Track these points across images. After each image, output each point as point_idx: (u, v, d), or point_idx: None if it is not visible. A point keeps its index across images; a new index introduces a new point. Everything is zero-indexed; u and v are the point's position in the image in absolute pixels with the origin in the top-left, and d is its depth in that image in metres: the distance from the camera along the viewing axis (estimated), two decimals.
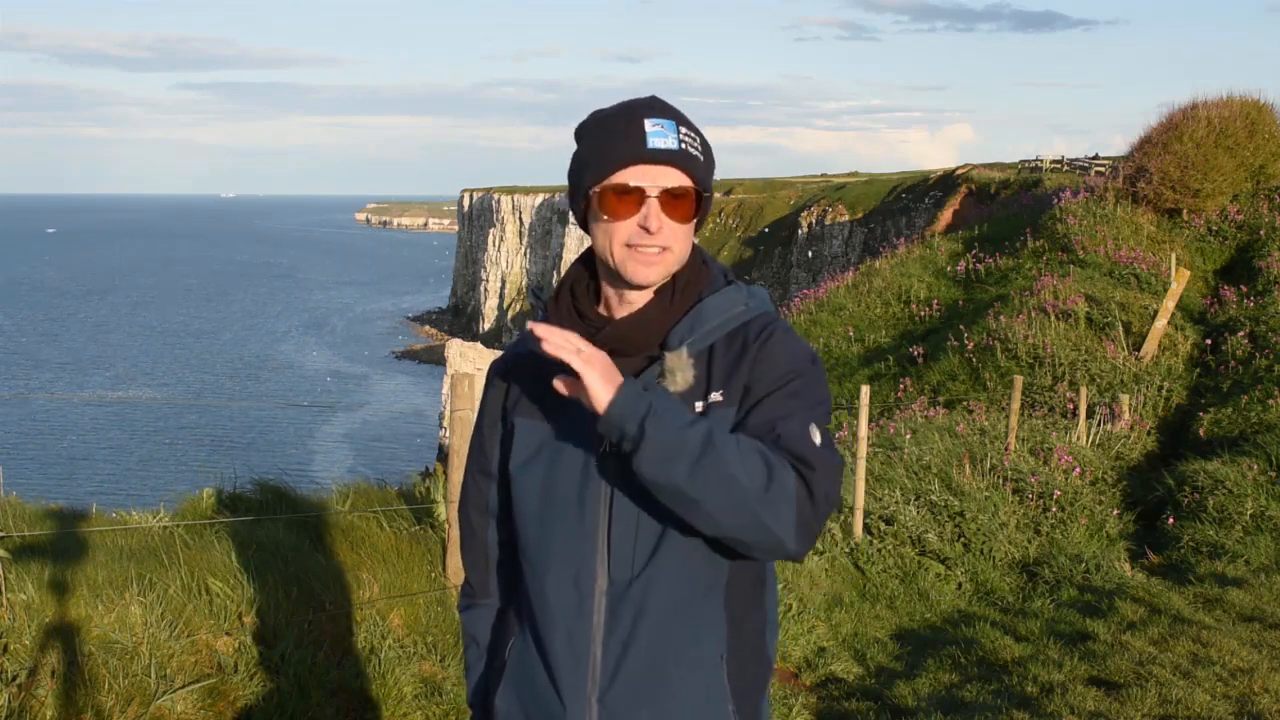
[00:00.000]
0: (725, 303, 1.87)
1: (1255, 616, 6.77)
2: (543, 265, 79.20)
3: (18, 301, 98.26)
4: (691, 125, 1.84)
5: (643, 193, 1.79)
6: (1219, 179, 19.22)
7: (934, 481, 9.05)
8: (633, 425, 1.64)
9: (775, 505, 1.67)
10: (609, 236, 1.82)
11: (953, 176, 46.45)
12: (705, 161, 1.85)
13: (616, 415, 1.64)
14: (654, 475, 1.66)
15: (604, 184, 1.81)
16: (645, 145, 1.79)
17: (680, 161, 1.80)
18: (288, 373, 67.19)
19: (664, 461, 1.65)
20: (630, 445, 1.66)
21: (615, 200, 1.80)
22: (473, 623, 2.08)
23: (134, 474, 38.61)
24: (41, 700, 3.69)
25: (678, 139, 1.80)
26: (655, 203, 1.79)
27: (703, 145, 1.85)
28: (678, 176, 1.80)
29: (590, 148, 1.84)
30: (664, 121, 1.81)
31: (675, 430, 1.65)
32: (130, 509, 5.29)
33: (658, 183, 1.79)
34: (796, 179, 72.58)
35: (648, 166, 1.79)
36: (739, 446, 1.68)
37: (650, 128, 1.80)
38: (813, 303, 19.77)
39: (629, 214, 1.80)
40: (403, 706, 4.39)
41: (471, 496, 2.05)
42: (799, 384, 1.80)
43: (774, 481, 1.67)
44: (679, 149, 1.80)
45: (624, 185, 1.79)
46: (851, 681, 5.99)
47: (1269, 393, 12.21)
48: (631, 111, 1.82)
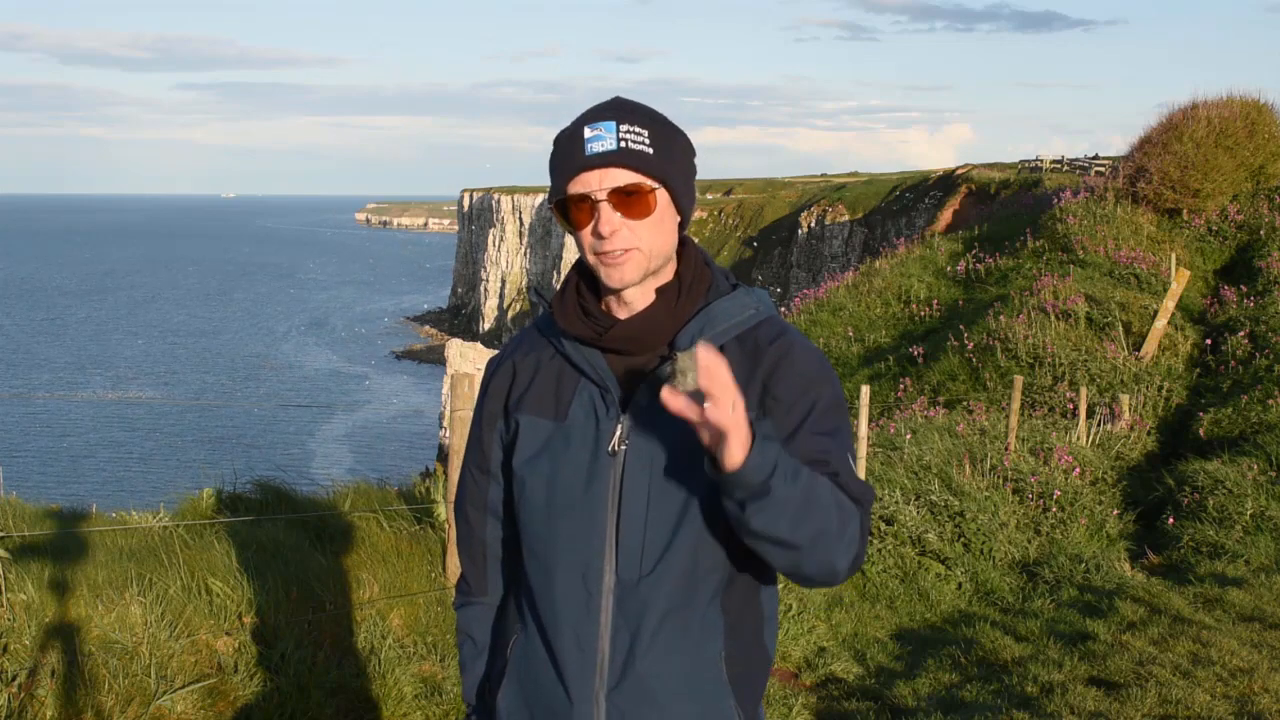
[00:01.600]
0: (734, 306, 1.88)
1: (1255, 616, 6.77)
2: (543, 265, 79.20)
3: (18, 301, 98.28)
4: (642, 121, 1.82)
5: (590, 199, 1.80)
6: (1219, 179, 19.22)
7: (934, 481, 9.05)
8: (759, 478, 1.63)
9: (846, 547, 1.74)
10: (581, 246, 1.85)
11: (953, 176, 46.47)
12: (659, 154, 1.82)
13: (751, 471, 1.62)
14: (763, 528, 1.67)
15: (558, 199, 1.84)
16: (584, 152, 1.80)
17: (622, 160, 1.80)
18: (288, 373, 67.21)
19: (776, 517, 1.66)
20: (747, 497, 1.65)
21: (573, 211, 1.82)
22: (469, 621, 2.07)
23: (134, 474, 38.64)
24: (41, 700, 3.70)
25: (616, 138, 1.80)
26: (605, 206, 1.79)
27: (655, 138, 1.83)
28: (625, 175, 1.80)
29: (550, 165, 1.87)
30: (602, 124, 1.81)
31: (792, 486, 1.66)
32: (130, 509, 5.30)
33: (604, 184, 1.80)
34: (796, 179, 72.58)
35: (590, 173, 1.80)
36: (830, 494, 1.72)
37: (588, 134, 1.81)
38: (813, 303, 19.76)
39: (587, 222, 1.82)
40: (403, 706, 4.40)
41: (469, 493, 2.05)
42: (833, 414, 1.84)
43: (848, 527, 1.74)
44: (618, 148, 1.80)
45: (573, 195, 1.82)
46: (851, 681, 5.99)
47: (1269, 393, 12.21)
48: (575, 123, 1.84)
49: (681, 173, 1.86)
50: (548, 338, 1.95)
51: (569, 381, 1.90)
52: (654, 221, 1.82)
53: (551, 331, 1.94)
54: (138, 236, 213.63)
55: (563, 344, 1.91)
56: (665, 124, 1.86)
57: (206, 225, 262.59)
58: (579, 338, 1.88)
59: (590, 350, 1.88)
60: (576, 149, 1.81)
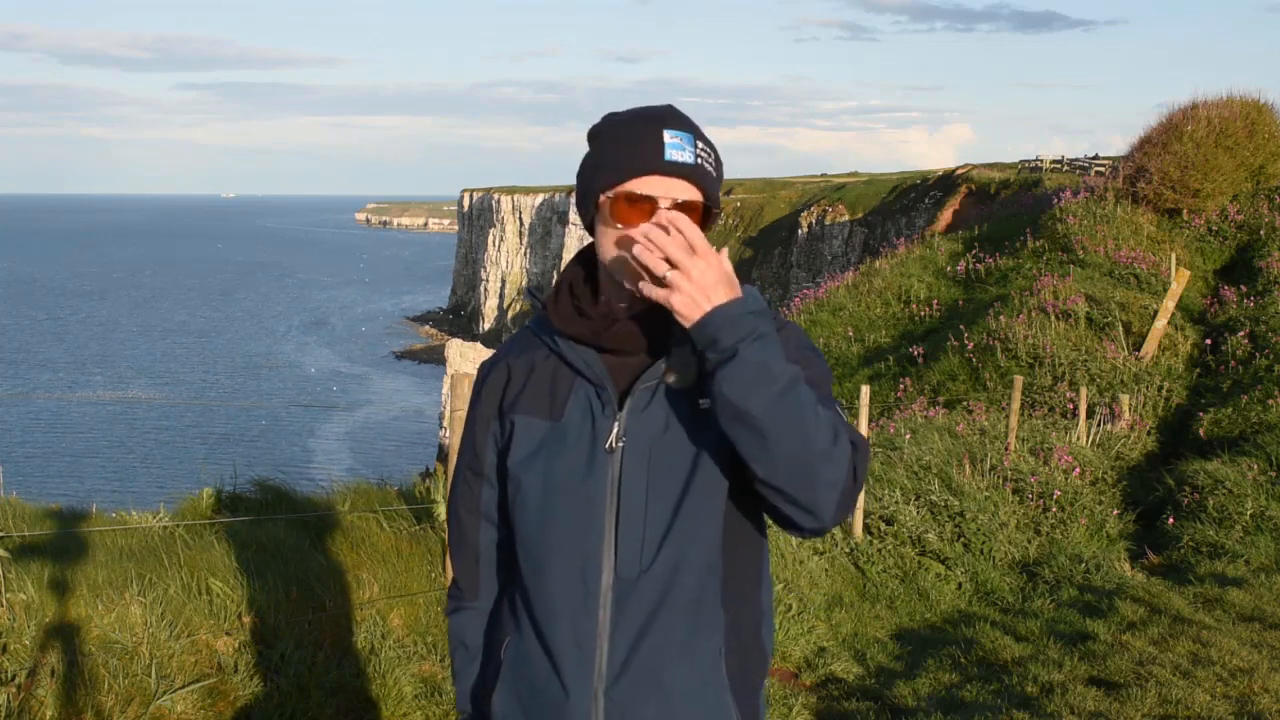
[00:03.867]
0: None
1: (1255, 616, 6.77)
2: (543, 265, 79.20)
3: (18, 301, 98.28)
4: (707, 140, 1.85)
5: (655, 203, 1.79)
6: (1219, 179, 19.21)
7: (934, 481, 9.05)
8: (729, 339, 1.65)
9: (830, 467, 1.69)
10: (602, 243, 1.84)
11: (952, 176, 46.45)
12: (717, 177, 1.85)
13: (719, 322, 1.64)
14: (734, 396, 1.66)
15: (618, 190, 1.81)
16: (663, 156, 1.79)
17: (694, 176, 1.80)
18: (288, 372, 67.19)
19: (749, 385, 1.65)
20: (717, 358, 1.67)
21: (627, 208, 1.80)
22: (461, 627, 2.06)
23: (134, 474, 38.63)
24: (41, 700, 3.70)
25: (694, 153, 1.81)
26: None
27: (716, 161, 1.86)
28: (690, 190, 1.80)
29: (605, 152, 1.83)
30: (682, 135, 1.81)
31: (770, 358, 1.66)
32: (130, 509, 5.30)
33: (670, 194, 1.79)
34: (796, 179, 72.55)
35: (662, 178, 1.79)
36: (817, 401, 1.70)
37: (669, 139, 1.80)
38: (813, 303, 19.76)
39: (637, 222, 1.79)
40: (403, 706, 4.40)
41: (462, 496, 2.04)
42: (824, 383, 1.83)
43: (837, 445, 1.70)
44: (695, 163, 1.80)
45: (637, 194, 1.79)
46: (851, 681, 5.99)
47: (1269, 393, 12.21)
48: (650, 120, 1.82)
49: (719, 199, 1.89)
50: (542, 338, 1.94)
51: (564, 381, 1.90)
52: None
53: (546, 332, 1.93)
54: (138, 236, 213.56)
55: (558, 344, 1.90)
56: (716, 149, 1.88)
57: (206, 225, 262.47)
58: (575, 337, 1.87)
59: (586, 349, 1.87)
60: (654, 149, 1.79)
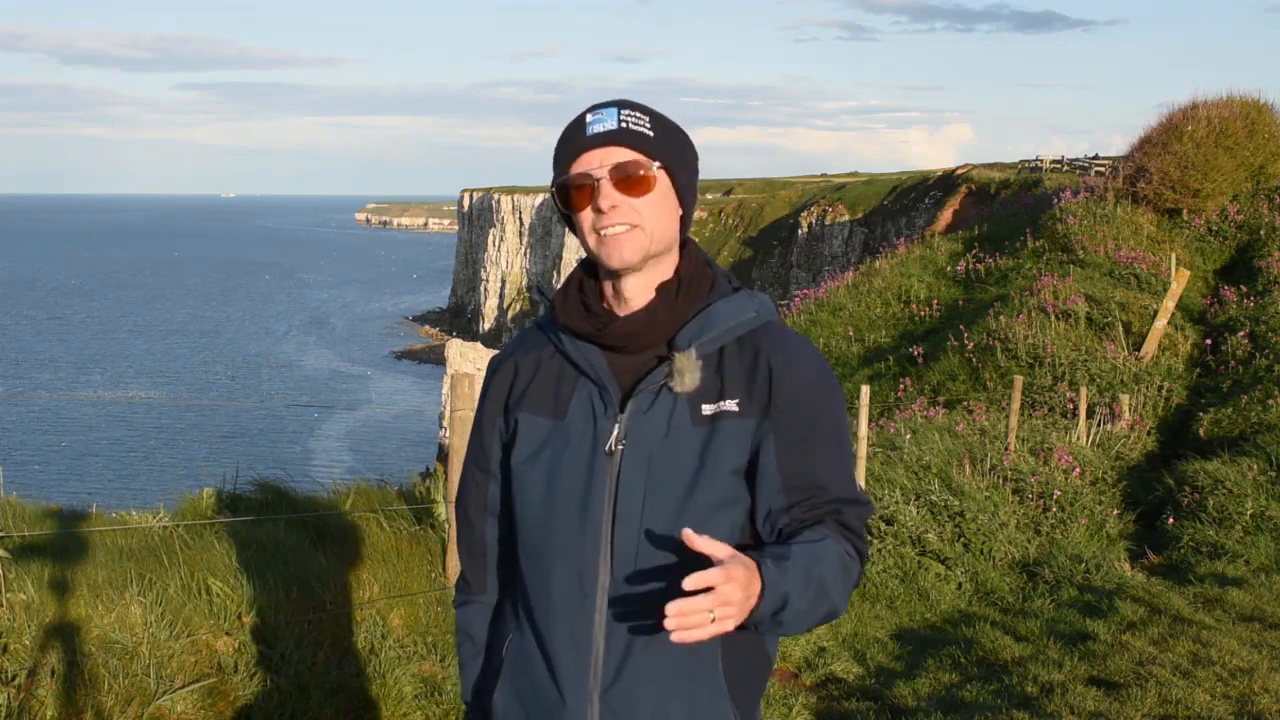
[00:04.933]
0: (735, 308, 1.88)
1: (1255, 616, 6.77)
2: (543, 265, 79.18)
3: (19, 300, 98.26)
4: (642, 110, 1.86)
5: (590, 177, 1.82)
6: (1219, 179, 19.21)
7: (934, 481, 9.05)
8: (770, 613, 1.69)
9: (848, 596, 1.82)
10: (580, 231, 1.86)
11: (952, 176, 46.46)
12: (658, 137, 1.85)
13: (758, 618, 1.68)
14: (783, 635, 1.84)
15: (558, 182, 1.85)
16: (586, 133, 1.83)
17: (622, 139, 1.82)
18: (288, 372, 67.19)
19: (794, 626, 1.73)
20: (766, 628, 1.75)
21: (573, 193, 1.84)
22: (468, 619, 2.07)
23: (134, 473, 38.63)
24: (41, 700, 3.70)
25: (618, 120, 1.83)
26: (605, 183, 1.81)
27: (655, 124, 1.86)
28: (624, 152, 1.82)
29: (553, 160, 1.88)
30: (606, 110, 1.85)
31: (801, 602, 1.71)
32: (130, 509, 5.29)
33: (605, 163, 1.82)
34: (796, 179, 72.55)
35: (592, 152, 1.82)
36: (837, 566, 1.77)
37: (591, 118, 1.84)
38: (813, 303, 19.75)
39: (587, 203, 1.83)
40: (403, 706, 4.40)
41: (470, 493, 2.04)
42: (837, 427, 1.87)
43: (851, 579, 1.80)
44: (619, 127, 1.82)
45: (574, 176, 1.83)
46: (851, 681, 5.98)
47: (1269, 393, 12.21)
48: (580, 114, 1.87)
49: (683, 161, 1.88)
50: (548, 335, 1.94)
51: (569, 380, 1.90)
52: (655, 201, 1.84)
53: (552, 329, 1.93)
54: (138, 236, 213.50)
55: (562, 341, 1.90)
56: (668, 120, 1.88)
57: (206, 225, 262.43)
58: (578, 332, 1.88)
59: (589, 348, 1.88)
60: (578, 134, 1.84)
